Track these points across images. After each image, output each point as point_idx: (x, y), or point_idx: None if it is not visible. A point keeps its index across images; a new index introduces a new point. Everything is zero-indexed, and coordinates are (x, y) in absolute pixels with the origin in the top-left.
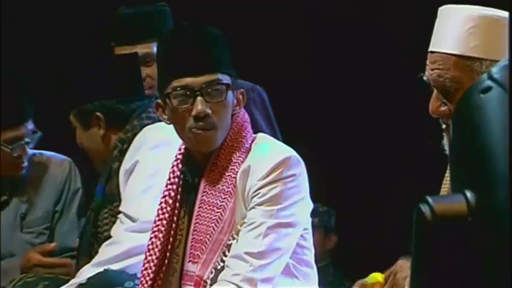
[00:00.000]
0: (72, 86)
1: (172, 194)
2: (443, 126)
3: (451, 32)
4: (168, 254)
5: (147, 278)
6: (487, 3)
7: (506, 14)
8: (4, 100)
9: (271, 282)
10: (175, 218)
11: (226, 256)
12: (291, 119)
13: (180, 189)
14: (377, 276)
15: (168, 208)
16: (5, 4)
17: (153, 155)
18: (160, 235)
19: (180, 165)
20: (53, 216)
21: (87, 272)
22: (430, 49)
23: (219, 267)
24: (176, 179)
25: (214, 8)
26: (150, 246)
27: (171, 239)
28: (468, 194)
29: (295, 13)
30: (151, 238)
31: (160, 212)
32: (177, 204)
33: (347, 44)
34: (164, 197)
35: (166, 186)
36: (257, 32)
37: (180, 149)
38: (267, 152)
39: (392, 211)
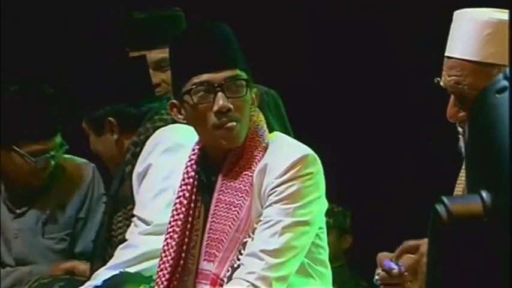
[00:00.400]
0: (80, 92)
1: (187, 194)
2: (460, 129)
3: (469, 38)
4: (183, 255)
5: (163, 279)
6: (487, 3)
7: None
8: (34, 114)
9: (286, 281)
10: (190, 219)
11: (241, 254)
12: (303, 120)
13: (194, 189)
14: None
15: (183, 209)
16: (4, 4)
17: (166, 158)
18: (175, 236)
19: (194, 166)
20: (76, 222)
21: (102, 274)
22: (446, 54)
23: (235, 265)
24: (190, 179)
25: (214, 8)
26: (166, 247)
27: (186, 240)
28: (484, 194)
29: (295, 13)
30: (166, 239)
31: (175, 212)
32: (192, 204)
33: (358, 44)
34: (178, 197)
35: (181, 187)
36: (257, 32)
37: (193, 150)
38: (284, 151)
39: (408, 211)
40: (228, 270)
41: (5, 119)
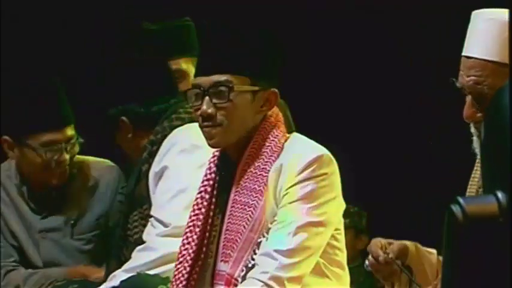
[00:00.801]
0: (97, 90)
1: (209, 189)
2: (472, 130)
3: (489, 38)
4: (203, 249)
5: (183, 272)
6: (487, 3)
7: None
8: (41, 104)
9: (300, 281)
10: (211, 213)
11: (256, 254)
12: (314, 122)
13: (216, 185)
14: None
15: (205, 203)
16: (5, 4)
17: (182, 159)
18: (197, 229)
19: (216, 161)
20: (106, 223)
21: (119, 276)
22: (464, 54)
23: (249, 265)
24: (212, 175)
25: (215, 9)
26: (186, 241)
27: (206, 234)
28: (499, 194)
29: (295, 13)
30: (186, 233)
31: (196, 207)
32: (213, 199)
33: (369, 42)
34: (200, 192)
35: (203, 182)
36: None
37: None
38: (299, 151)
39: (423, 211)
40: (243, 270)
41: (12, 113)
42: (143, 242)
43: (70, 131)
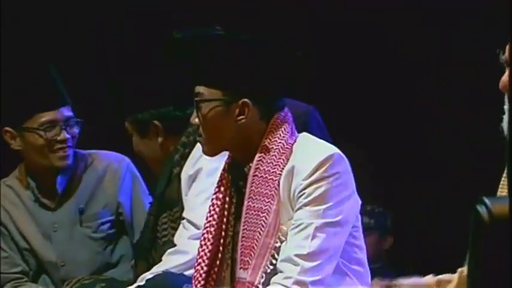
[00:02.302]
0: (125, 92)
1: (222, 188)
2: (506, 105)
3: None
4: (220, 249)
5: (201, 272)
6: (487, 3)
7: None
8: (35, 87)
9: (323, 283)
10: (225, 213)
11: (275, 259)
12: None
13: (229, 185)
14: None
15: (219, 202)
16: (5, 4)
17: (217, 162)
18: (212, 229)
19: (226, 167)
20: (117, 210)
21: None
22: None
23: (268, 270)
24: (225, 174)
25: (216, 9)
26: (203, 242)
27: (222, 233)
28: None
29: (295, 13)
30: (203, 234)
31: (211, 208)
32: (227, 199)
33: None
34: (215, 193)
35: (218, 183)
36: (258, 33)
37: None
38: (309, 152)
39: (449, 212)
40: (262, 277)
41: (8, 102)
42: (172, 244)
43: (67, 111)
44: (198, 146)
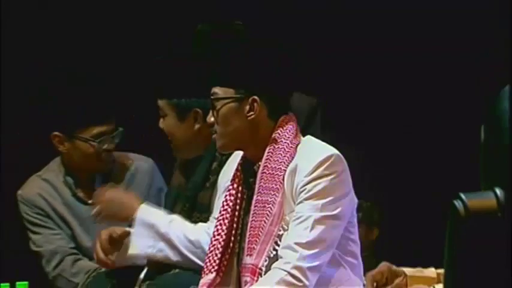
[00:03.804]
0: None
1: (235, 185)
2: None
3: None
4: (232, 239)
5: (214, 258)
6: (487, 3)
7: None
8: (90, 101)
9: (319, 270)
10: (237, 207)
11: (277, 245)
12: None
13: (241, 181)
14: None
15: (232, 198)
16: (4, 4)
17: None
18: (226, 221)
19: (239, 166)
20: None
21: None
22: None
23: (271, 255)
24: (238, 172)
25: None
26: (216, 233)
27: (234, 225)
28: (498, 191)
29: (295, 13)
30: (216, 226)
31: (225, 203)
32: (239, 194)
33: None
34: (229, 190)
35: (231, 180)
36: (261, 33)
37: None
38: (311, 152)
39: (430, 206)
40: (266, 260)
41: (62, 112)
42: None
43: (113, 123)
44: (234, 155)
